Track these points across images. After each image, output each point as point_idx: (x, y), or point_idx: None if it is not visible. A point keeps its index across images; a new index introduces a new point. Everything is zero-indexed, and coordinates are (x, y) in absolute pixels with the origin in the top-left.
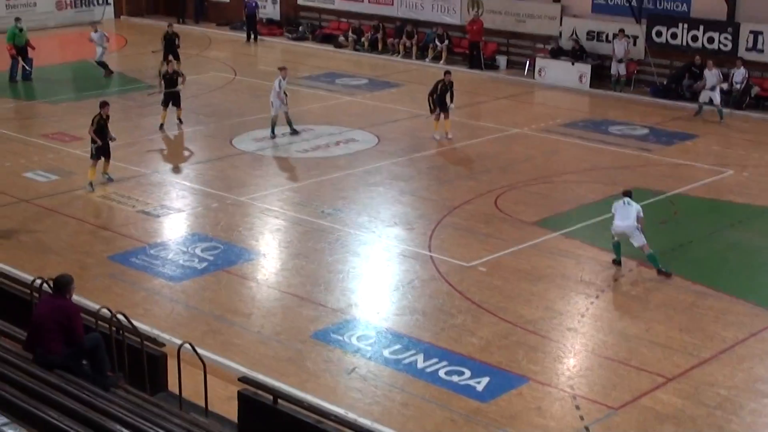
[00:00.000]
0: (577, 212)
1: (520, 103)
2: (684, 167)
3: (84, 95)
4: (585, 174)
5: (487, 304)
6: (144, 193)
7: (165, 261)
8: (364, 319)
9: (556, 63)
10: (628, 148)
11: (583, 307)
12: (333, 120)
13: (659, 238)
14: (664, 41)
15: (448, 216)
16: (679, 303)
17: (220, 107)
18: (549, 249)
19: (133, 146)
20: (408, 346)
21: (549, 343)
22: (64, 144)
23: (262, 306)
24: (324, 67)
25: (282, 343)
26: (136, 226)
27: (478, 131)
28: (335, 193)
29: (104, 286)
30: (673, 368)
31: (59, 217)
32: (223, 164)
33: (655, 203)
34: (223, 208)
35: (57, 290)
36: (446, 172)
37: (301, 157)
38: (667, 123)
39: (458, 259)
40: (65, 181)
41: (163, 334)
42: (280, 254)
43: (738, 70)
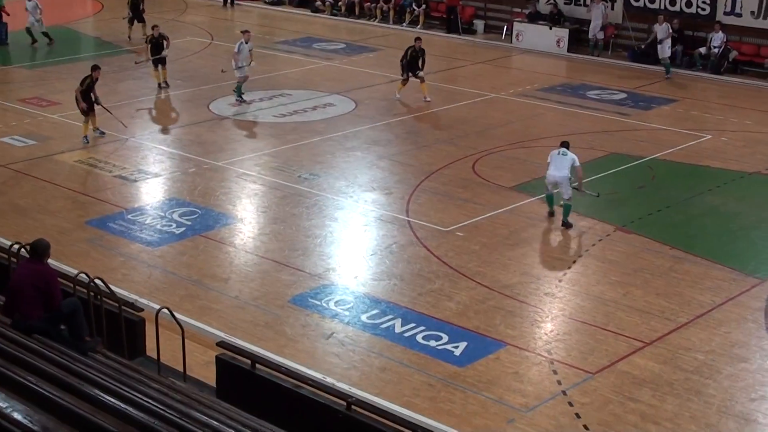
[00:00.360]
0: None
1: (498, 68)
2: (662, 132)
3: (61, 60)
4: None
5: (464, 269)
6: (121, 158)
7: (143, 226)
8: (342, 284)
9: (534, 27)
10: (605, 113)
11: (561, 272)
12: (310, 85)
13: (637, 203)
14: (642, 5)
15: (425, 181)
16: (656, 268)
17: (197, 72)
18: (527, 214)
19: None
20: (386, 311)
21: (526, 308)
22: (42, 109)
23: (240, 271)
24: (301, 32)
25: (260, 308)
26: (114, 191)
27: (456, 96)
28: (313, 157)
29: (82, 251)
30: (651, 333)
31: (36, 182)
32: (200, 129)
33: (633, 168)
34: (200, 173)
35: (34, 255)
36: (424, 137)
37: (279, 121)
38: (645, 87)
39: (436, 224)
40: (42, 145)
41: (141, 299)
42: (257, 219)
43: (716, 34)
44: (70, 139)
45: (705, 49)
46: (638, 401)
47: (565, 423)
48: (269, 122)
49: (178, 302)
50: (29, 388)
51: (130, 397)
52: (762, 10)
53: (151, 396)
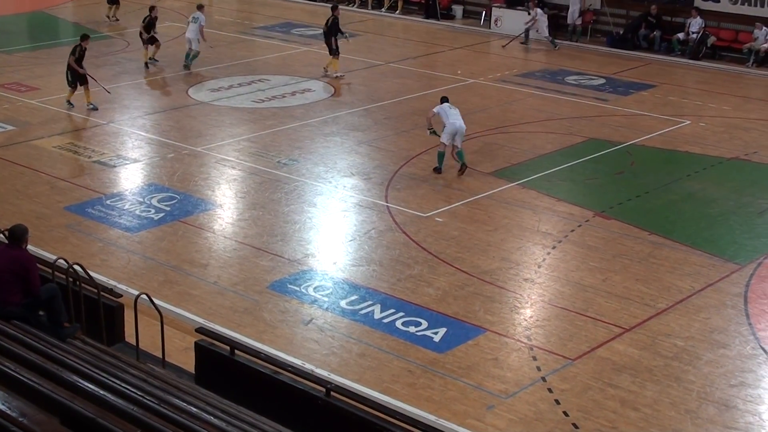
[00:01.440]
0: (533, 163)
1: (476, 54)
2: (640, 117)
3: (39, 45)
4: (541, 124)
5: (443, 254)
6: (100, 144)
7: (122, 211)
8: (321, 269)
9: (512, 12)
10: (584, 99)
11: (540, 258)
12: (289, 70)
13: (616, 189)
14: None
15: (404, 166)
16: (635, 253)
17: (175, 58)
18: (505, 199)
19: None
20: (365, 296)
21: (506, 294)
22: (20, 94)
23: (219, 257)
24: (280, 17)
25: (239, 293)
26: (93, 177)
27: (435, 81)
28: (291, 143)
29: (61, 237)
30: (630, 319)
31: (15, 168)
32: (179, 114)
33: (612, 153)
34: (179, 159)
35: (12, 240)
36: (403, 122)
37: (257, 107)
38: (623, 73)
39: (415, 210)
40: (21, 131)
41: (120, 285)
42: (236, 205)
43: (694, 19)
44: (50, 124)
45: (683, 35)
46: (618, 387)
47: (544, 409)
48: (248, 108)
49: (156, 288)
50: (7, 375)
51: (108, 383)
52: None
53: (129, 382)
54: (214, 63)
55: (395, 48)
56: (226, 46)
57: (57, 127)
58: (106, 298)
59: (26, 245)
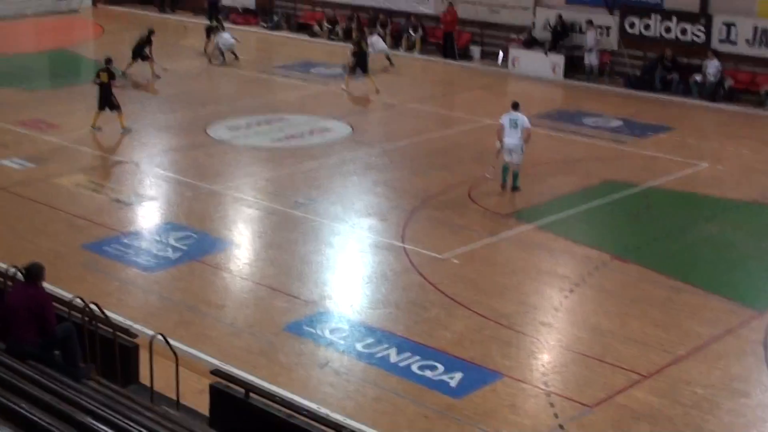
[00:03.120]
0: (550, 204)
1: (494, 94)
2: (658, 160)
3: (61, 83)
4: (558, 166)
5: (460, 297)
6: (118, 182)
7: (139, 250)
8: (337, 311)
9: (530, 53)
10: (601, 140)
11: (558, 302)
12: (307, 109)
13: (633, 232)
14: (637, 32)
15: (421, 207)
16: (654, 298)
17: (194, 96)
18: (523, 241)
19: (109, 134)
20: (381, 339)
21: (523, 338)
22: (41, 132)
23: (235, 297)
24: (298, 56)
25: (254, 335)
26: (110, 215)
27: (452, 122)
28: (309, 182)
29: (78, 275)
30: (649, 365)
31: (33, 205)
32: (197, 153)
33: (629, 196)
34: (196, 197)
35: (29, 278)
36: (420, 162)
37: (276, 146)
38: (640, 115)
39: (432, 251)
40: (41, 169)
41: (136, 325)
42: (253, 244)
43: (711, 62)
44: (69, 162)
45: (700, 77)
46: None
47: None
48: (266, 147)
49: (172, 328)
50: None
51: (122, 425)
52: (757, 39)
53: (143, 425)
54: (233, 102)
55: (413, 88)
56: (245, 84)
57: (76, 165)
58: (122, 338)
59: (43, 283)
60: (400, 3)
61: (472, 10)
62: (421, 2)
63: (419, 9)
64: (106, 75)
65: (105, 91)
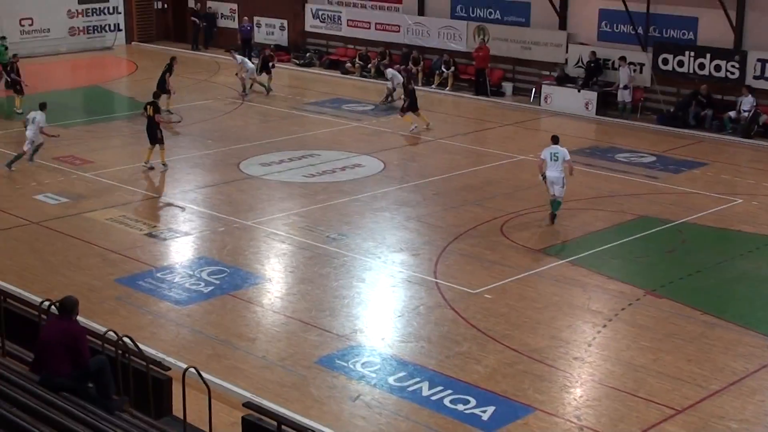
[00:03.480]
0: (583, 240)
1: (526, 130)
2: (692, 195)
3: (95, 119)
4: (591, 201)
5: (492, 331)
6: (152, 216)
7: (172, 284)
8: (369, 345)
9: (562, 90)
10: (635, 176)
11: (590, 336)
12: (339, 145)
13: (667, 267)
14: (670, 69)
15: (453, 242)
16: (687, 333)
17: (227, 132)
18: (555, 276)
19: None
20: (413, 373)
21: (555, 372)
22: (75, 167)
23: (267, 331)
24: (331, 93)
25: (286, 368)
26: (144, 249)
27: (484, 158)
28: (341, 218)
29: (111, 309)
30: (682, 400)
31: (67, 239)
32: (230, 188)
33: (663, 231)
34: (229, 232)
35: (63, 312)
36: (452, 198)
37: (308, 182)
38: (674, 151)
39: (464, 286)
40: (75, 203)
41: (169, 358)
42: (285, 279)
43: (745, 98)
44: (103, 197)
45: (735, 113)
46: None
47: None
48: (298, 182)
49: (205, 361)
50: None
51: None
52: None
53: None
54: (266, 138)
55: (445, 124)
56: (277, 121)
57: (110, 200)
58: (155, 371)
59: (77, 317)
60: (432, 40)
61: (505, 47)
62: (453, 39)
63: (451, 46)
64: (152, 109)
65: (150, 125)
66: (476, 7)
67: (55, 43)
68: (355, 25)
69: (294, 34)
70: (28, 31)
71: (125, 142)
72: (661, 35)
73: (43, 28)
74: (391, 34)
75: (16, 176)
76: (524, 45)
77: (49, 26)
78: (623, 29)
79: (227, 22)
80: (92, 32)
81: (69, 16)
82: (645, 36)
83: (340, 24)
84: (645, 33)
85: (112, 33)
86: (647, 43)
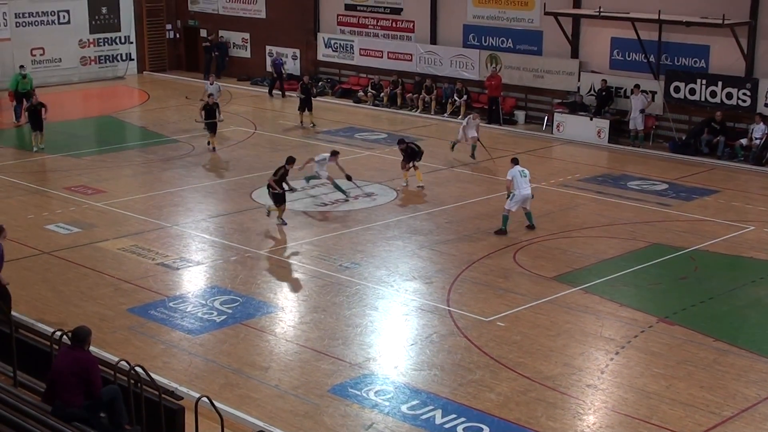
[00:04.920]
0: (595, 267)
1: (539, 158)
2: (704, 223)
3: (106, 149)
4: (604, 229)
5: (505, 359)
6: (164, 246)
7: (184, 314)
8: (382, 373)
9: (575, 118)
10: (647, 204)
11: (603, 364)
12: (352, 174)
13: (679, 294)
14: (682, 96)
15: (466, 270)
16: (700, 360)
17: (240, 161)
18: (568, 304)
19: (154, 199)
20: (426, 401)
21: (568, 400)
22: (87, 197)
23: (280, 360)
24: (343, 122)
25: (299, 397)
26: (156, 279)
27: (498, 186)
28: (354, 246)
29: (123, 339)
30: (695, 427)
31: (79, 269)
32: (242, 217)
33: (675, 259)
34: (242, 261)
35: (75, 342)
36: (465, 226)
37: (320, 210)
38: (686, 178)
39: (477, 314)
40: (86, 233)
41: (181, 388)
42: (298, 308)
43: (757, 125)
44: (115, 226)
45: (746, 141)
46: None
47: None
48: (311, 211)
49: (217, 391)
50: None
51: None
52: None
53: None
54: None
55: (457, 153)
56: (290, 150)
57: (122, 230)
58: (167, 400)
59: (89, 347)
60: (444, 69)
61: (517, 76)
62: (465, 68)
63: (463, 75)
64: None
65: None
66: (488, 36)
67: (67, 72)
68: (368, 54)
69: (306, 62)
70: (39, 61)
71: (137, 171)
72: (672, 63)
73: (55, 57)
74: (403, 62)
75: (29, 206)
76: (536, 73)
77: (61, 56)
78: (635, 57)
79: (239, 52)
80: (104, 62)
81: (80, 45)
82: (657, 64)
83: (353, 53)
84: (657, 61)
85: (123, 62)
86: (659, 71)
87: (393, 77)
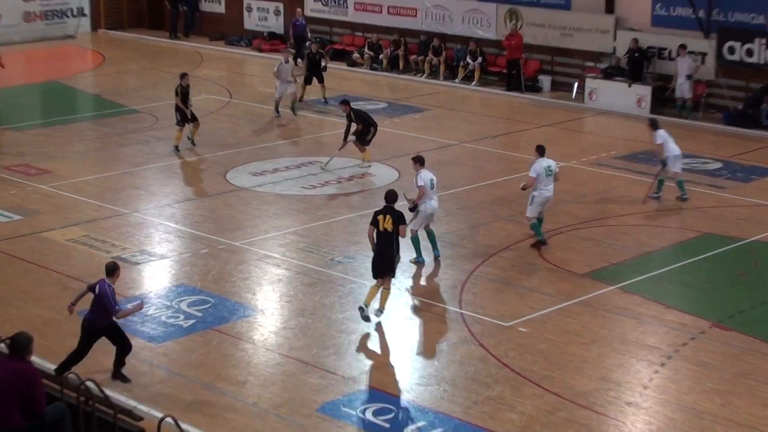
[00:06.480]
0: (637, 262)
1: (568, 132)
2: (765, 208)
3: (54, 121)
4: (647, 216)
5: (529, 372)
6: (122, 237)
7: (145, 317)
8: (382, 389)
9: (610, 84)
10: (697, 186)
11: (646, 377)
12: (346, 151)
13: (737, 294)
14: (737, 59)
15: (482, 265)
16: (762, 373)
17: (212, 135)
18: (604, 306)
19: (110, 180)
20: (434, 422)
21: (605, 421)
22: (30, 178)
23: (260, 373)
24: (336, 89)
25: (282, 417)
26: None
27: (518, 165)
28: (348, 237)
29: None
30: None
31: (21, 264)
32: (215, 202)
33: (732, 251)
34: (214, 255)
35: (14, 351)
36: (481, 213)
37: (308, 194)
38: (743, 156)
39: (494, 318)
40: (29, 221)
41: (141, 406)
42: (281, 310)
43: None
44: (63, 213)
45: None
46: None
47: None
48: (296, 195)
49: (184, 409)
50: None
51: None
52: None
53: None
54: (257, 143)
55: (471, 125)
56: (270, 122)
57: (71, 217)
58: (124, 421)
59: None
60: (455, 26)
61: (541, 35)
62: (480, 25)
63: (478, 33)
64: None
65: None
66: None
67: (8, 30)
68: (364, 8)
69: (291, 19)
70: None
71: (89, 147)
72: (726, 19)
73: None
74: (406, 18)
75: None
76: (564, 32)
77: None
78: (681, 12)
79: (212, 6)
80: (51, 18)
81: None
82: (708, 20)
83: (346, 8)
84: (707, 16)
85: (74, 19)
86: (710, 28)
87: (394, 36)
